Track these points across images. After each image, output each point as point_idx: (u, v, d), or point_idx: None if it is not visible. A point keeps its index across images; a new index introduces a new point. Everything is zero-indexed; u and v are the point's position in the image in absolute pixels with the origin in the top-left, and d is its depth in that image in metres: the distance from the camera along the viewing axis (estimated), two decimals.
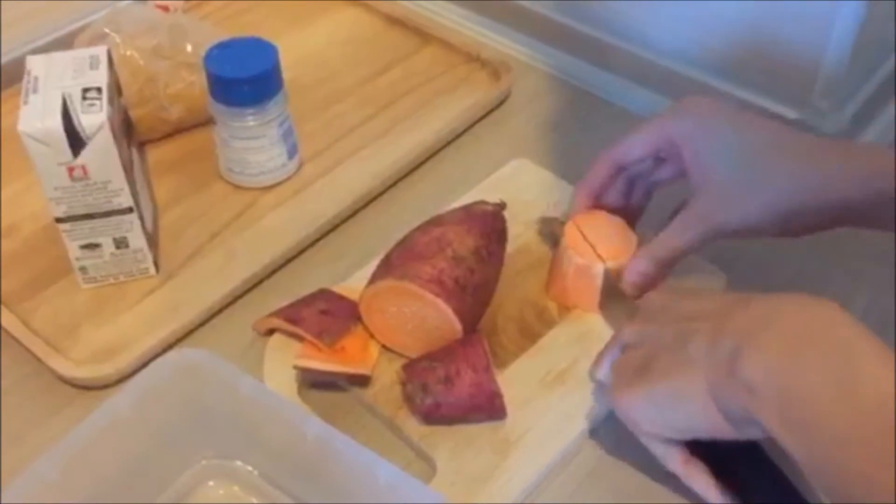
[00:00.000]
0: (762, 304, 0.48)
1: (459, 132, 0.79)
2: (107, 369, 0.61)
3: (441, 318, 0.58)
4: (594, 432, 0.59)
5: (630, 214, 0.65)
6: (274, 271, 0.68)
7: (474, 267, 0.59)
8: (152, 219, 0.69)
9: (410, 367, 0.58)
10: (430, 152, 0.77)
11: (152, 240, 0.67)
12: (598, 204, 0.65)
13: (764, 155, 0.58)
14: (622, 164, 0.63)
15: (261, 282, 0.68)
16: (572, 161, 0.76)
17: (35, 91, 0.59)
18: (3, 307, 0.64)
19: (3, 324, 0.63)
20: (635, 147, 0.62)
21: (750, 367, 0.45)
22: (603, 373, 0.57)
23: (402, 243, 0.61)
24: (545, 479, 0.56)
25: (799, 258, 0.68)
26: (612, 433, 0.59)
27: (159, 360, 0.52)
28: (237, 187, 0.74)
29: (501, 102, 0.82)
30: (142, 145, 0.75)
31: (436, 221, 0.63)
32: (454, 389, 0.56)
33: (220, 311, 0.66)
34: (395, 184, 0.75)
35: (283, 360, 0.61)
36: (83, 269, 0.65)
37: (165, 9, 0.77)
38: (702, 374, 0.48)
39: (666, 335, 0.52)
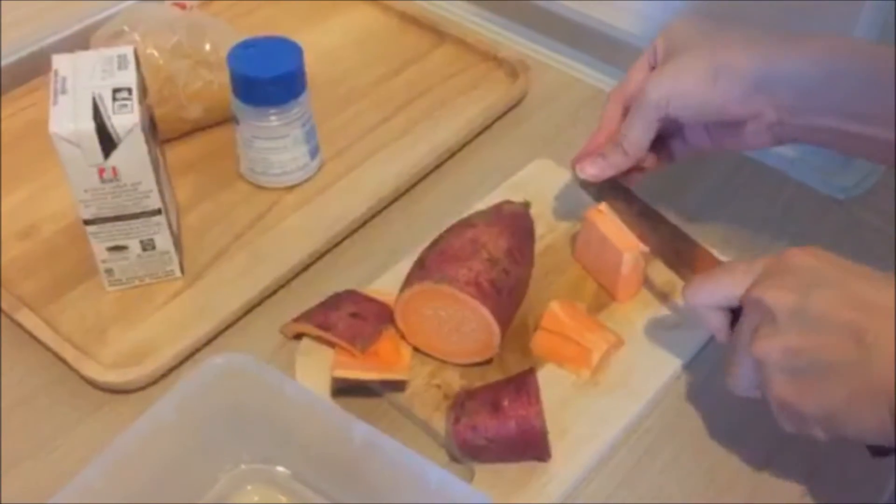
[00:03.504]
0: None
1: (478, 132, 0.79)
2: (136, 373, 0.60)
3: (478, 321, 0.58)
4: (630, 432, 0.59)
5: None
6: (299, 272, 0.68)
7: (508, 268, 0.59)
8: (176, 220, 0.68)
9: (462, 435, 0.55)
10: (451, 152, 0.77)
11: (177, 241, 0.66)
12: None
13: (712, 33, 0.60)
14: (626, 97, 0.64)
15: (287, 283, 0.67)
16: None
17: (64, 91, 0.58)
18: (27, 310, 0.63)
19: (29, 327, 0.62)
20: (633, 74, 0.63)
21: None
22: (706, 301, 0.54)
23: (435, 245, 0.61)
24: (583, 482, 0.57)
25: None
26: (648, 434, 0.59)
27: (204, 364, 0.51)
28: (259, 187, 0.73)
29: (519, 102, 0.82)
30: (161, 145, 0.74)
31: (467, 223, 0.63)
32: (510, 459, 0.56)
33: (246, 313, 0.65)
34: (416, 184, 0.74)
35: (314, 365, 0.60)
36: (109, 272, 0.64)
37: (182, 6, 0.76)
38: (888, 378, 0.45)
39: (840, 326, 0.47)
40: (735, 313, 0.54)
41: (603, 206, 0.65)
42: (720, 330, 0.55)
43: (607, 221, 0.64)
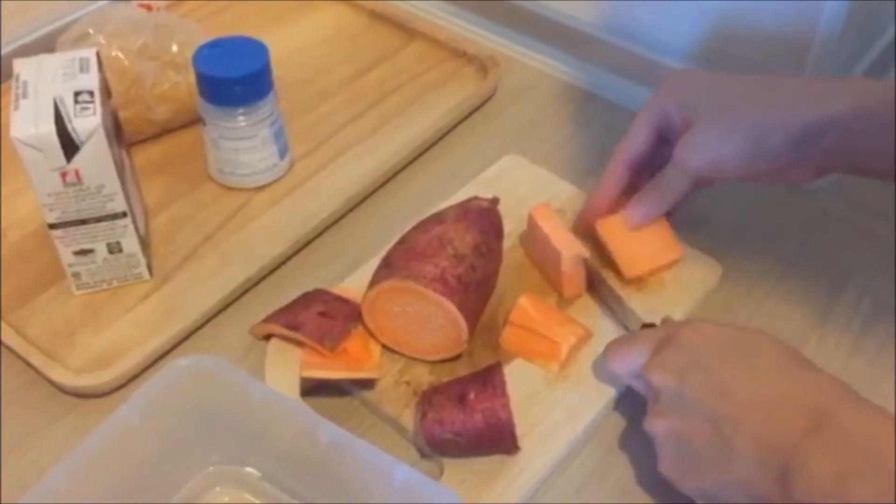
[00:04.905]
0: (813, 413, 0.47)
1: (449, 129, 0.79)
2: (105, 377, 0.60)
3: (445, 316, 0.58)
4: (599, 426, 0.59)
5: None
6: (269, 272, 0.68)
7: (475, 264, 0.59)
8: (144, 222, 0.68)
9: (429, 429, 0.55)
10: (421, 149, 0.77)
11: (145, 244, 0.66)
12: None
13: (736, 90, 0.60)
14: (633, 160, 0.64)
15: (256, 283, 0.67)
16: (562, 155, 0.77)
17: (25, 96, 0.58)
18: None
19: None
20: (637, 137, 0.64)
21: (804, 491, 0.45)
22: (621, 370, 0.57)
23: (402, 243, 0.61)
24: (553, 474, 0.57)
25: (794, 245, 0.69)
26: (618, 425, 0.59)
27: (169, 366, 0.51)
28: (228, 188, 0.73)
29: (489, 98, 0.82)
30: (128, 147, 0.74)
31: (434, 219, 0.63)
32: (478, 453, 0.56)
33: (216, 314, 0.65)
34: (386, 182, 0.74)
35: (283, 365, 0.60)
36: (76, 275, 0.64)
37: (149, 8, 0.76)
38: (748, 473, 0.48)
39: (706, 415, 0.49)
40: None
41: (546, 203, 0.66)
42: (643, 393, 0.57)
43: (549, 220, 0.64)
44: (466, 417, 0.54)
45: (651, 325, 0.60)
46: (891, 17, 0.78)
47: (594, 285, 0.65)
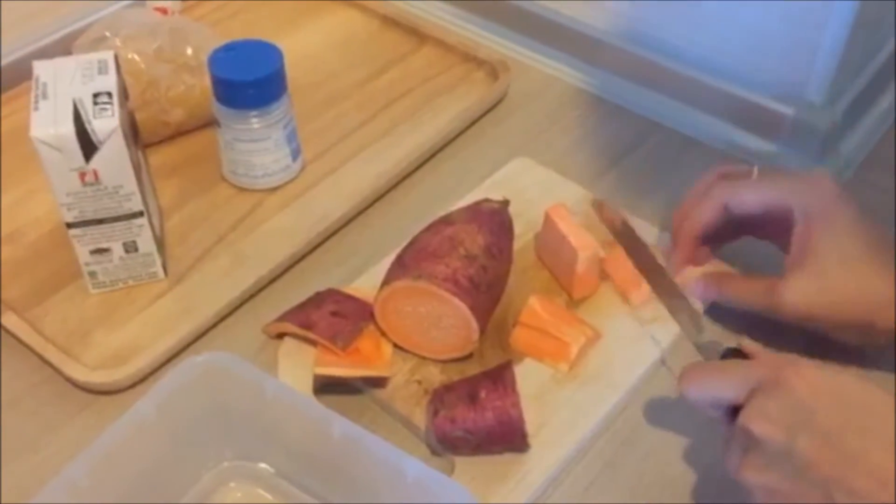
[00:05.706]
0: None
1: (459, 132, 0.80)
2: (121, 374, 0.61)
3: (457, 316, 0.58)
4: (607, 425, 0.60)
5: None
6: (282, 273, 0.69)
7: (486, 264, 0.60)
8: (159, 222, 0.69)
9: (441, 427, 0.56)
10: (432, 152, 0.77)
11: (160, 243, 0.67)
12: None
13: (867, 263, 0.58)
14: (729, 209, 0.62)
15: (269, 283, 0.68)
16: (572, 159, 0.78)
17: (45, 97, 0.59)
18: (12, 314, 0.64)
19: (14, 330, 0.63)
20: (749, 197, 0.61)
21: None
22: (698, 398, 0.53)
23: (414, 244, 0.62)
24: (562, 472, 0.57)
25: None
26: (626, 425, 0.60)
27: (185, 363, 0.52)
28: (241, 189, 0.74)
29: (499, 102, 0.83)
30: (143, 148, 0.75)
31: (445, 221, 0.63)
32: (488, 451, 0.57)
33: (229, 313, 0.66)
34: (397, 184, 0.75)
35: (296, 364, 0.61)
36: (92, 274, 0.65)
37: (164, 11, 0.77)
38: None
39: (820, 483, 0.46)
40: None
41: (562, 204, 0.66)
42: (718, 419, 0.53)
43: (566, 220, 0.65)
44: (478, 415, 0.55)
45: (735, 350, 0.55)
46: (891, 29, 0.79)
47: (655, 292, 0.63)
